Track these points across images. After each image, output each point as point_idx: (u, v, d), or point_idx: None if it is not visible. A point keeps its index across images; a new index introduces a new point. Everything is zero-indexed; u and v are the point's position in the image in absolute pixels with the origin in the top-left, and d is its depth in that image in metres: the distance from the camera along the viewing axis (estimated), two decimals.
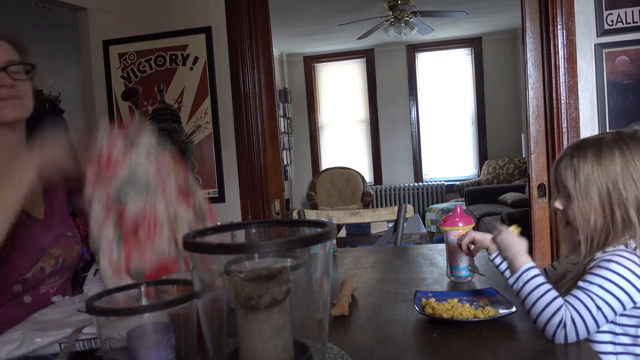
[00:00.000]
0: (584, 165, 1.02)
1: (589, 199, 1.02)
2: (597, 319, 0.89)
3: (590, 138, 1.08)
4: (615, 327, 0.98)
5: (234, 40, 2.42)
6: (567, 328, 0.87)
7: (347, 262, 1.60)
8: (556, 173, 1.09)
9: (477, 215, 5.31)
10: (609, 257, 0.96)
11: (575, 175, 1.03)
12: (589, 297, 0.91)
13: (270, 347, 0.61)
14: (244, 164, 2.45)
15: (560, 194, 1.09)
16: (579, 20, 2.11)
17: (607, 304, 0.90)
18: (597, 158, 1.02)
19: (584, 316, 0.89)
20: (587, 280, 0.94)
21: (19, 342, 0.85)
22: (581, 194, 1.03)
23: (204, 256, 0.65)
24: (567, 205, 1.07)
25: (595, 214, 1.02)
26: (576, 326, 0.88)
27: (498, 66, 6.70)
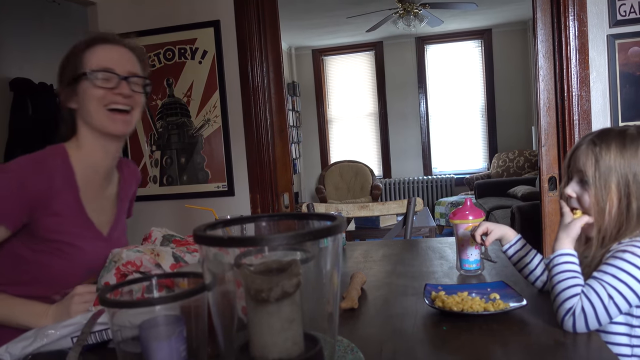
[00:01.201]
0: (607, 154, 1.02)
1: (607, 189, 1.02)
2: (609, 310, 0.89)
3: (613, 128, 1.08)
4: (632, 319, 0.98)
5: (242, 33, 2.42)
6: (576, 316, 0.88)
7: (356, 255, 1.61)
8: (573, 159, 1.08)
9: (486, 208, 5.28)
10: (625, 247, 0.96)
11: (596, 163, 1.03)
12: (602, 286, 0.91)
13: (281, 339, 0.62)
14: (253, 157, 2.45)
15: (573, 181, 1.08)
16: (591, 10, 2.08)
17: (620, 294, 0.90)
18: (621, 149, 1.02)
19: (595, 305, 0.88)
20: (601, 270, 0.94)
21: (32, 338, 0.87)
22: (600, 182, 1.02)
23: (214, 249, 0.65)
24: (580, 192, 1.06)
25: (611, 204, 1.02)
26: (586, 315, 0.87)
27: (508, 58, 6.64)
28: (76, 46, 1.17)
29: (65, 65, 1.16)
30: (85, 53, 1.15)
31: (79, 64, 1.14)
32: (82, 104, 1.15)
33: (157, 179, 2.56)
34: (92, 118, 1.15)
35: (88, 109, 1.14)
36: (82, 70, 1.13)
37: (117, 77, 1.15)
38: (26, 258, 1.11)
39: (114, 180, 1.28)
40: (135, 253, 1.00)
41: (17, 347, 0.86)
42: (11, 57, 3.83)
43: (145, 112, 2.55)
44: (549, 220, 2.22)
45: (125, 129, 1.17)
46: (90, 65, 1.14)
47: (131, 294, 0.75)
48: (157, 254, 1.00)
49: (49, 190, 1.09)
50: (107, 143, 1.19)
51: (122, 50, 1.19)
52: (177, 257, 1.02)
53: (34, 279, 1.12)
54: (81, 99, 1.14)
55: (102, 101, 1.14)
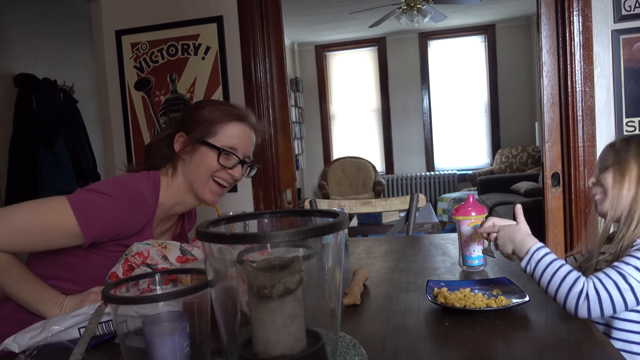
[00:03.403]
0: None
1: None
2: (625, 298, 0.89)
3: None
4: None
5: (245, 29, 2.41)
6: (590, 299, 0.87)
7: (359, 251, 1.61)
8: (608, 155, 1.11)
9: (489, 204, 5.27)
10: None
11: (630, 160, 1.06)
12: (621, 275, 0.90)
13: (283, 335, 0.62)
14: (255, 153, 2.44)
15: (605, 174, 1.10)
16: (595, 5, 2.07)
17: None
18: None
19: (611, 291, 0.88)
20: (622, 261, 0.94)
21: (40, 329, 0.88)
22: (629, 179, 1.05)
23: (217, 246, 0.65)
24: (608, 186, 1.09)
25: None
26: (601, 299, 0.87)
27: (512, 53, 6.61)
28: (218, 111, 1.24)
29: (198, 124, 1.23)
30: (222, 125, 1.23)
31: (212, 132, 1.22)
32: (193, 163, 1.23)
33: None
34: (196, 180, 1.23)
35: (197, 171, 1.23)
36: (214, 142, 1.22)
37: (237, 159, 1.24)
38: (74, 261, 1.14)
39: (174, 219, 1.36)
40: (144, 245, 1.01)
41: (25, 338, 0.87)
42: (15, 52, 3.84)
43: (149, 107, 2.55)
44: (552, 216, 2.21)
45: (215, 200, 1.27)
46: (222, 140, 1.22)
47: (137, 285, 0.76)
48: (164, 246, 1.02)
49: (136, 229, 1.15)
50: (191, 199, 1.27)
51: (250, 132, 1.28)
52: (184, 250, 1.04)
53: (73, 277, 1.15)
54: (196, 159, 1.23)
55: (213, 173, 1.23)
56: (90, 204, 1.08)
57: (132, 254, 1.00)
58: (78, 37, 4.14)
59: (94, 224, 1.07)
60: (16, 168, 3.66)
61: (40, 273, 1.12)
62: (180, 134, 1.24)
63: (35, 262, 1.17)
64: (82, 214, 1.06)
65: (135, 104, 2.56)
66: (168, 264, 1.00)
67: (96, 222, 1.08)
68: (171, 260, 1.01)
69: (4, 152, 3.68)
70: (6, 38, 3.73)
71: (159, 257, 1.00)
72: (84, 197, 1.09)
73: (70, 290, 1.12)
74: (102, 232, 1.10)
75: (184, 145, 1.24)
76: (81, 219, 1.06)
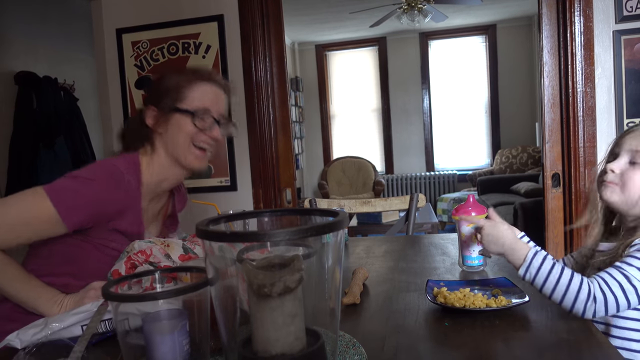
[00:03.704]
0: None
1: None
2: (629, 299, 0.88)
3: None
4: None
5: (246, 28, 2.41)
6: (597, 301, 0.86)
7: (358, 251, 1.61)
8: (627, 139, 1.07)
9: (489, 205, 5.27)
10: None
11: None
12: (624, 276, 0.90)
13: (283, 334, 0.62)
14: (255, 152, 2.45)
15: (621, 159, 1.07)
16: (597, 6, 2.07)
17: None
18: None
19: (616, 293, 0.87)
20: (625, 262, 0.93)
21: (42, 325, 0.88)
22: None
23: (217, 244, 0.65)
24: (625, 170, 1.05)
25: None
26: (607, 301, 0.87)
27: (513, 54, 6.60)
28: (180, 76, 1.21)
29: (164, 93, 1.20)
30: (188, 87, 1.20)
31: (180, 97, 1.19)
32: (170, 133, 1.20)
33: None
34: (177, 150, 1.21)
35: (176, 140, 1.20)
36: (184, 105, 1.19)
37: (212, 119, 1.21)
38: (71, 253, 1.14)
39: (164, 199, 1.34)
40: (146, 243, 1.01)
41: (27, 334, 0.87)
42: (16, 51, 3.84)
43: None
44: (552, 216, 2.21)
45: (202, 165, 1.25)
46: (192, 103, 1.19)
47: (140, 284, 0.76)
48: (167, 245, 1.02)
49: (119, 207, 1.13)
50: (178, 171, 1.25)
51: (218, 90, 1.25)
52: (186, 248, 1.04)
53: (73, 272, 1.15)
54: (172, 128, 1.20)
55: (192, 138, 1.20)
56: (66, 189, 1.08)
57: (135, 251, 1.00)
58: (78, 36, 4.14)
59: (72, 208, 1.07)
60: (16, 166, 3.66)
61: (36, 271, 1.12)
62: (150, 107, 1.22)
63: (30, 260, 1.17)
64: (59, 200, 1.06)
65: (135, 103, 2.56)
66: (171, 262, 1.00)
67: (74, 205, 1.07)
68: (174, 259, 1.01)
69: (4, 150, 3.67)
70: (6, 37, 3.73)
71: (161, 256, 1.00)
72: (60, 183, 1.09)
73: (71, 285, 1.12)
74: (83, 215, 1.09)
75: (156, 118, 1.21)
76: (59, 205, 1.05)
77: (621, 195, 1.06)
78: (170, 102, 1.20)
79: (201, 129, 1.20)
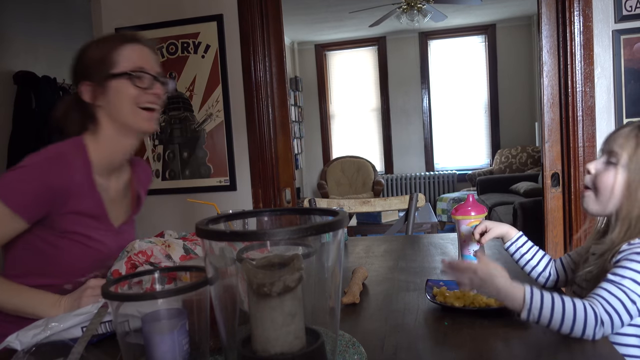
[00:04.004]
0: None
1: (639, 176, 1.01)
2: (630, 312, 0.88)
3: None
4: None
5: (245, 28, 2.41)
6: (605, 324, 0.85)
7: (358, 250, 1.61)
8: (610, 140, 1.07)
9: (489, 204, 5.27)
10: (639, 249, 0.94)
11: (636, 147, 1.02)
12: (622, 292, 0.88)
13: (283, 333, 0.62)
14: (255, 152, 2.45)
15: (600, 159, 1.07)
16: (596, 5, 2.07)
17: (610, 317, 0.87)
18: None
19: (619, 310, 0.86)
20: (617, 274, 0.91)
21: (42, 326, 0.88)
22: (636, 167, 1.01)
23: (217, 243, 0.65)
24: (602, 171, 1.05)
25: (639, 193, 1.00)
26: (612, 321, 0.85)
27: (512, 53, 6.61)
28: (104, 44, 1.17)
29: (93, 64, 1.16)
30: (116, 52, 1.15)
31: (110, 63, 1.15)
32: (112, 102, 1.16)
33: (159, 174, 2.57)
34: (124, 116, 1.16)
35: (119, 107, 1.16)
36: (117, 69, 1.14)
37: (150, 77, 1.17)
38: (41, 249, 1.13)
39: (125, 175, 1.30)
40: (147, 243, 1.01)
41: (27, 335, 0.86)
42: (15, 50, 3.83)
43: None
44: (551, 216, 2.21)
45: (154, 126, 1.21)
46: (124, 65, 1.15)
47: (141, 285, 0.76)
48: (168, 245, 1.02)
49: (69, 186, 1.10)
50: (128, 140, 1.21)
51: (146, 49, 1.21)
52: (187, 249, 1.03)
53: (46, 270, 1.13)
54: (112, 97, 1.16)
55: (136, 100, 1.16)
56: (11, 181, 1.07)
57: (135, 252, 1.00)
58: (78, 36, 4.11)
59: (21, 199, 1.05)
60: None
61: (14, 275, 1.12)
62: (83, 83, 1.17)
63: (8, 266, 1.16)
64: (6, 195, 1.04)
65: None
66: (172, 262, 1.00)
67: (23, 196, 1.05)
68: (175, 259, 1.00)
69: (3, 150, 3.67)
70: (6, 36, 3.72)
71: (162, 256, 1.00)
72: (5, 177, 1.07)
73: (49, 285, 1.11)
74: (35, 204, 1.07)
75: (92, 91, 1.16)
76: (8, 200, 1.04)
77: (597, 203, 1.05)
78: (102, 71, 1.14)
79: (142, 87, 1.16)
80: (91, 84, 1.16)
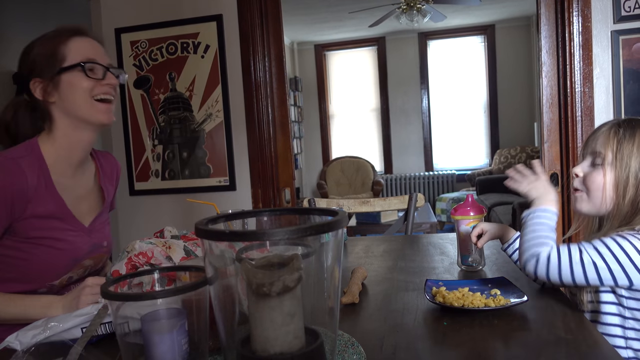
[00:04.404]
0: (630, 140, 1.03)
1: (627, 173, 1.02)
2: (574, 270, 0.92)
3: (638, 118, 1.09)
4: (624, 310, 0.98)
5: (245, 28, 2.41)
6: (540, 261, 0.93)
7: (357, 250, 1.61)
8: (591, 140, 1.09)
9: (488, 204, 5.28)
10: (625, 234, 0.96)
11: (618, 145, 1.03)
12: (579, 250, 0.93)
13: (282, 333, 0.62)
14: (254, 152, 2.45)
15: (585, 161, 1.09)
16: (595, 6, 2.07)
17: (595, 266, 0.91)
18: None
19: (562, 259, 0.92)
20: (589, 242, 0.95)
21: (42, 327, 0.88)
22: (621, 165, 1.03)
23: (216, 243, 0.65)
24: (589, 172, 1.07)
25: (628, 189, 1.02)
26: (549, 264, 0.92)
27: (511, 54, 6.61)
28: (50, 39, 1.14)
29: (42, 60, 1.13)
30: (64, 46, 1.13)
31: (60, 57, 1.12)
32: (66, 96, 1.13)
33: (159, 173, 2.57)
34: (79, 109, 1.13)
35: (74, 101, 1.13)
36: (68, 63, 1.12)
37: (102, 67, 1.14)
38: (8, 256, 1.11)
39: (90, 170, 1.27)
40: (147, 244, 1.01)
41: (27, 336, 0.86)
42: (15, 50, 3.82)
43: (148, 106, 2.55)
44: None
45: (109, 119, 1.17)
46: (74, 58, 1.12)
47: (141, 287, 0.76)
48: (168, 246, 1.02)
49: (26, 191, 1.07)
50: (86, 134, 1.17)
51: (93, 42, 1.18)
52: (188, 250, 1.03)
53: (18, 276, 1.11)
54: (66, 91, 1.12)
55: (91, 92, 1.13)
56: None
57: (135, 252, 0.99)
58: None
59: None
60: None
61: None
62: (33, 81, 1.14)
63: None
64: None
65: (134, 102, 2.56)
66: (172, 264, 1.00)
67: None
68: (175, 261, 1.00)
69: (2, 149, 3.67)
70: (5, 36, 3.72)
71: (162, 258, 1.00)
72: None
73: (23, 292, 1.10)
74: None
75: (44, 88, 1.13)
76: None
77: (589, 203, 1.07)
78: (52, 65, 1.11)
79: (95, 78, 1.13)
80: (42, 80, 1.13)
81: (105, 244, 1.26)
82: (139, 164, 2.58)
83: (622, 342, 0.99)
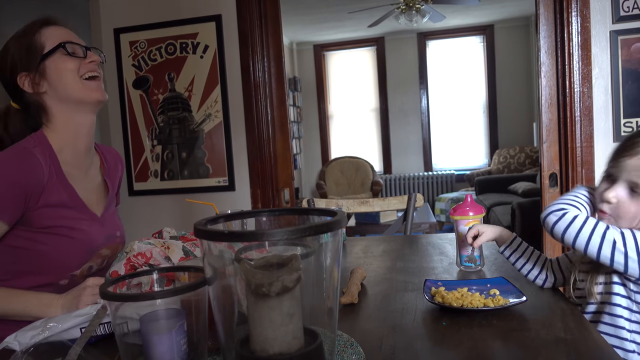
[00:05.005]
0: None
1: None
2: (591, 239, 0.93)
3: None
4: (632, 304, 0.98)
5: (244, 28, 2.41)
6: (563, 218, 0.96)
7: (356, 250, 1.61)
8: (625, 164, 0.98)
9: (487, 205, 5.28)
10: None
11: None
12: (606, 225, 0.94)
13: (281, 333, 0.62)
14: (253, 152, 2.45)
15: (619, 186, 0.99)
16: (594, 6, 2.07)
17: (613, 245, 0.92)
18: None
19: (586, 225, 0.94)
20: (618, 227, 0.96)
21: (41, 327, 0.88)
22: None
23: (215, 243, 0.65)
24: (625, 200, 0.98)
25: None
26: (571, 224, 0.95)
27: (510, 54, 6.62)
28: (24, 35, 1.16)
29: (22, 54, 1.14)
30: (39, 36, 1.14)
31: (38, 47, 1.14)
32: (55, 81, 1.14)
33: (158, 174, 2.57)
34: (70, 91, 1.14)
35: (64, 83, 1.14)
36: (48, 48, 1.13)
37: (80, 47, 1.16)
38: (26, 248, 1.11)
39: (96, 162, 1.28)
40: (146, 245, 1.01)
41: (26, 336, 0.86)
42: None
43: (147, 106, 2.55)
44: None
45: (103, 95, 1.18)
46: (52, 43, 1.14)
47: (140, 287, 0.76)
48: (167, 247, 1.02)
49: (39, 181, 1.08)
50: (85, 117, 1.18)
51: (64, 28, 1.20)
52: (187, 251, 1.03)
53: (37, 268, 1.13)
54: (54, 77, 1.14)
55: (78, 72, 1.14)
56: None
57: (134, 253, 0.99)
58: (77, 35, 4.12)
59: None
60: None
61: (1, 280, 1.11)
62: (19, 76, 1.14)
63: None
64: None
65: (133, 103, 2.56)
66: (171, 264, 1.00)
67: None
68: (174, 261, 1.00)
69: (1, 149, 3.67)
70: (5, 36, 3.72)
71: (161, 258, 1.00)
72: None
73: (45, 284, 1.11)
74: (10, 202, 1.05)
75: (31, 80, 1.14)
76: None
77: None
78: (33, 56, 1.13)
79: (79, 57, 1.15)
80: (28, 73, 1.14)
81: (118, 234, 1.27)
82: (138, 164, 2.58)
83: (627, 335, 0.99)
